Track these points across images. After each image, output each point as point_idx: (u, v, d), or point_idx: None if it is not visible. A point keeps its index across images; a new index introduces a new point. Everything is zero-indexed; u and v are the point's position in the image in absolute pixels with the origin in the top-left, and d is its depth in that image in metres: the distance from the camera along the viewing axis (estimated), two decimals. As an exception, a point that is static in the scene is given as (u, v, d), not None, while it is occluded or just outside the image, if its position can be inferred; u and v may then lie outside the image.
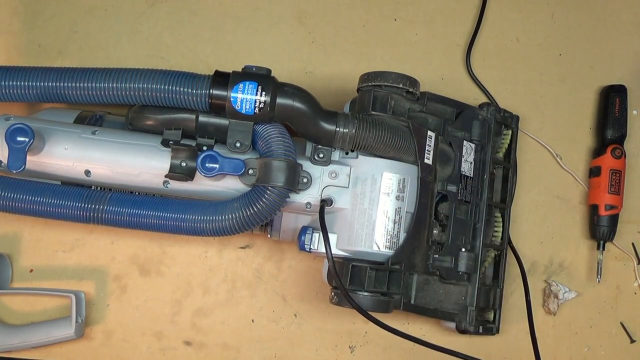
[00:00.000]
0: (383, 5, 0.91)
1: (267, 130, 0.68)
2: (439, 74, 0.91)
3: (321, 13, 0.90)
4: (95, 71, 0.69)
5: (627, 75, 0.93)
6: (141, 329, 0.83)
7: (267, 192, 0.67)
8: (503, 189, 0.85)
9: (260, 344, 0.84)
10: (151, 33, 0.87)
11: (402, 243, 0.71)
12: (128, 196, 0.71)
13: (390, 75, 0.72)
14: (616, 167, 0.88)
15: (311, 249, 0.71)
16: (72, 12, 0.87)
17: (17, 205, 0.71)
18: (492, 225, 0.83)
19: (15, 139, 0.65)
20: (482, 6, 0.91)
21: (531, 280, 0.87)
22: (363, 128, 0.69)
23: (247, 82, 0.67)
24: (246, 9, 0.89)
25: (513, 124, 0.86)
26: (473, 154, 0.80)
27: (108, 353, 0.82)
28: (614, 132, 0.89)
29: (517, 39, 0.93)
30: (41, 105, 0.80)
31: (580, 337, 0.88)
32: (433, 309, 0.77)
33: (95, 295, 0.83)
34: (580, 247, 0.90)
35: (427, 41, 0.91)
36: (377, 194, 0.70)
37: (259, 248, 0.85)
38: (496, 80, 0.91)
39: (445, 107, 0.80)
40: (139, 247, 0.84)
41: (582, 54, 0.93)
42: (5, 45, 0.85)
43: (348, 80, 0.86)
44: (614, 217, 0.88)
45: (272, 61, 0.84)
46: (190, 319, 0.84)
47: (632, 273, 0.90)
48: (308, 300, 0.85)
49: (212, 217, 0.68)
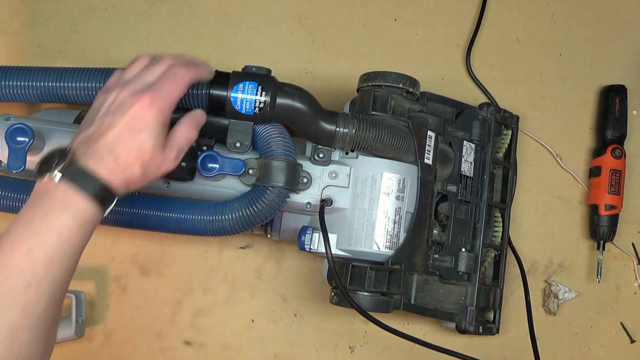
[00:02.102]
0: (383, 5, 0.91)
1: (267, 130, 0.68)
2: (439, 74, 0.91)
3: (321, 13, 0.90)
4: (94, 71, 0.69)
5: (627, 75, 0.93)
6: (141, 329, 0.83)
7: (267, 192, 0.67)
8: (503, 189, 0.85)
9: (260, 344, 0.84)
10: (151, 33, 0.87)
11: (402, 243, 0.71)
12: (128, 196, 0.71)
13: (390, 75, 0.72)
14: (616, 167, 0.88)
15: (311, 249, 0.71)
16: (72, 12, 0.87)
17: (17, 205, 0.71)
18: (492, 225, 0.83)
19: (15, 139, 0.65)
20: (482, 6, 0.91)
21: (531, 280, 0.87)
22: (363, 128, 0.69)
23: (247, 82, 0.66)
24: (246, 9, 0.89)
25: (513, 124, 0.86)
26: (473, 154, 0.80)
27: (108, 353, 0.82)
28: (614, 132, 0.89)
29: (517, 39, 0.93)
30: (41, 105, 0.80)
31: (580, 337, 0.88)
32: (433, 309, 0.77)
33: (95, 295, 0.83)
34: (580, 247, 0.90)
35: (427, 41, 0.91)
36: (377, 194, 0.70)
37: (259, 248, 0.85)
38: (496, 80, 0.91)
39: (445, 107, 0.80)
40: (139, 247, 0.84)
41: (582, 54, 0.93)
42: (5, 45, 0.85)
43: (348, 80, 0.86)
44: (614, 217, 0.88)
45: (272, 61, 0.84)
46: (190, 319, 0.84)
47: (632, 273, 0.90)
48: (308, 300, 0.85)
49: (212, 217, 0.68)
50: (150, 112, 0.56)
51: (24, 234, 0.50)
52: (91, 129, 0.56)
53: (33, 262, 0.49)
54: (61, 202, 0.52)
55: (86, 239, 0.53)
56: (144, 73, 0.59)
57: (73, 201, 0.52)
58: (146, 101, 0.56)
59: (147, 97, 0.56)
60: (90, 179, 0.53)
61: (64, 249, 0.51)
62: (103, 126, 0.55)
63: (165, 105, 0.57)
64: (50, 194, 0.52)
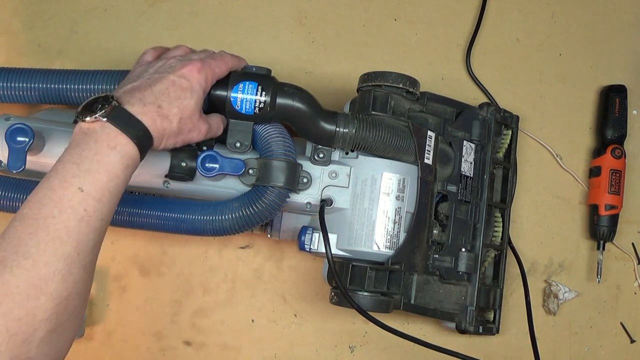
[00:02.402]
0: (383, 5, 0.91)
1: (267, 130, 0.68)
2: (439, 74, 0.91)
3: (321, 13, 0.90)
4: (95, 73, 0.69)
5: (627, 75, 0.93)
6: (141, 329, 0.83)
7: (267, 192, 0.67)
8: (503, 189, 0.85)
9: (260, 344, 0.84)
10: (151, 33, 0.87)
11: (402, 243, 0.71)
12: (128, 196, 0.71)
13: (390, 75, 0.72)
14: (616, 167, 0.88)
15: (311, 249, 0.71)
16: (72, 12, 0.87)
17: (17, 205, 0.71)
18: (492, 225, 0.83)
19: (15, 139, 0.65)
20: (482, 6, 0.91)
21: (531, 280, 0.87)
22: (363, 128, 0.69)
23: (247, 82, 0.67)
24: (246, 9, 0.89)
25: (513, 124, 0.86)
26: (473, 154, 0.80)
27: (108, 353, 0.82)
28: (614, 132, 0.89)
29: (517, 39, 0.93)
30: (41, 105, 0.80)
31: (580, 337, 0.88)
32: (433, 309, 0.77)
33: (95, 295, 0.83)
34: (580, 247, 0.90)
35: (427, 41, 0.91)
36: (377, 194, 0.70)
37: (259, 248, 0.85)
38: (496, 80, 0.91)
39: (445, 107, 0.80)
40: (139, 247, 0.84)
41: (582, 54, 0.93)
42: (5, 45, 0.85)
43: (348, 80, 0.86)
44: (614, 217, 0.88)
45: (272, 61, 0.84)
46: (190, 319, 0.84)
47: (632, 273, 0.90)
48: (308, 300, 0.85)
49: (212, 217, 0.68)
50: (198, 75, 0.61)
51: (74, 171, 0.52)
52: (138, 81, 0.60)
53: (85, 198, 0.51)
54: (108, 142, 0.54)
55: (127, 181, 0.56)
56: (189, 54, 0.66)
57: (119, 142, 0.54)
58: (197, 65, 0.62)
59: (198, 63, 0.62)
60: (135, 123, 0.56)
61: (111, 187, 0.53)
62: (152, 79, 0.60)
63: (210, 76, 0.63)
64: (96, 135, 0.54)
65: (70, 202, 0.51)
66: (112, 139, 0.54)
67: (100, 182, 0.52)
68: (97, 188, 0.52)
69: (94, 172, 0.52)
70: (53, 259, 0.49)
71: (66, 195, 0.51)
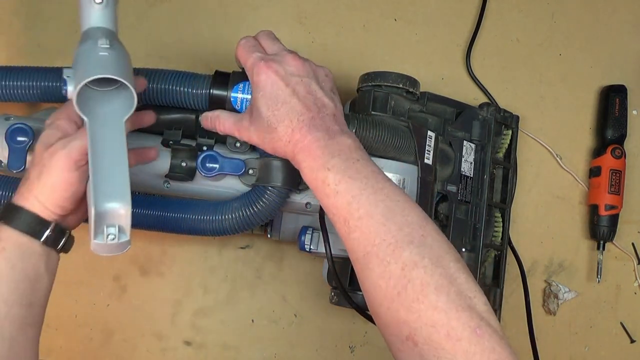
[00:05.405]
0: (383, 5, 0.91)
1: (267, 130, 0.68)
2: (439, 74, 0.91)
3: (321, 13, 0.90)
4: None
5: (627, 75, 0.93)
6: (141, 329, 0.83)
7: (267, 192, 0.67)
8: (503, 189, 0.85)
9: (260, 344, 0.84)
10: (151, 33, 0.87)
11: (402, 243, 0.71)
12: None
13: (390, 75, 0.72)
14: (616, 167, 0.88)
15: (311, 249, 0.71)
16: (72, 12, 0.86)
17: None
18: (492, 225, 0.83)
19: (15, 139, 0.65)
20: (482, 6, 0.91)
21: (531, 280, 0.87)
22: (363, 128, 0.68)
23: (247, 82, 0.66)
24: (246, 9, 0.89)
25: (513, 124, 0.86)
26: (473, 154, 0.80)
27: (108, 353, 0.82)
28: (614, 132, 0.89)
29: (517, 39, 0.93)
30: (41, 105, 0.80)
31: (580, 337, 0.88)
32: (433, 309, 0.76)
33: (95, 295, 0.83)
34: (580, 247, 0.90)
35: (427, 41, 0.91)
36: (377, 194, 0.70)
37: (259, 248, 0.85)
38: (496, 80, 0.91)
39: (445, 107, 0.80)
40: (139, 247, 0.84)
41: (582, 54, 0.93)
42: (5, 45, 0.85)
43: (348, 80, 0.86)
44: (614, 217, 0.88)
45: (272, 61, 0.83)
46: (190, 319, 0.84)
47: (632, 273, 0.90)
48: (308, 300, 0.85)
49: (212, 217, 0.68)
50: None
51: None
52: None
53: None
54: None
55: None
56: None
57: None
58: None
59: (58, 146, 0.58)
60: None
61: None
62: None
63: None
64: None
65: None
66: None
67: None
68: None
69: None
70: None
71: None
